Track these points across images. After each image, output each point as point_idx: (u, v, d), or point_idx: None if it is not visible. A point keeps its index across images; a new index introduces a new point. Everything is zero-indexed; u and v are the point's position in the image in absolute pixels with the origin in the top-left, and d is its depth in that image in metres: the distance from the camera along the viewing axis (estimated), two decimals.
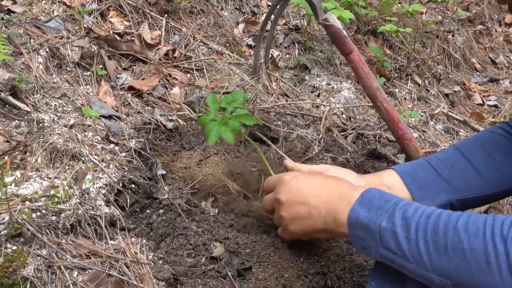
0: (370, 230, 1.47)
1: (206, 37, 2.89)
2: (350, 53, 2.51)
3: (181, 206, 1.93)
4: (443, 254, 1.33)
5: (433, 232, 1.35)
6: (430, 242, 1.35)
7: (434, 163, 1.89)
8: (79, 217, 1.75)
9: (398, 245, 1.41)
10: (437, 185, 1.85)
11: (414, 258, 1.39)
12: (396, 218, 1.43)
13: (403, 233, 1.40)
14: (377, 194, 1.54)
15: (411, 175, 1.87)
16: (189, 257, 1.74)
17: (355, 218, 1.52)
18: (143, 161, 2.11)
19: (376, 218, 1.46)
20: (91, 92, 2.28)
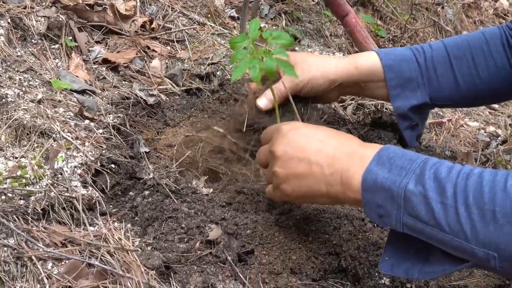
0: (392, 194, 1.24)
1: (186, 8, 2.68)
2: (346, 15, 2.32)
3: (169, 186, 1.73)
4: (490, 222, 1.12)
5: (477, 196, 1.14)
6: (473, 208, 1.14)
7: (421, 61, 1.85)
8: (52, 201, 1.56)
9: (430, 212, 1.19)
10: (416, 86, 1.84)
11: (451, 227, 1.17)
12: (427, 179, 1.21)
13: (436, 197, 1.18)
14: (398, 152, 1.32)
15: (394, 70, 1.83)
16: (181, 242, 1.56)
17: (372, 180, 1.28)
18: (123, 138, 1.91)
19: (400, 180, 1.24)
20: (60, 65, 2.07)
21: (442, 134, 2.51)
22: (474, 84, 1.85)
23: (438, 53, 1.87)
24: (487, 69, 1.85)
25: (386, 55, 1.86)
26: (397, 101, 1.87)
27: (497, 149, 2.60)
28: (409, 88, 1.85)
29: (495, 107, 3.11)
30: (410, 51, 1.88)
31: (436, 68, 1.85)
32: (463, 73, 1.85)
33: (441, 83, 1.85)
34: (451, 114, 2.80)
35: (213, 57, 2.40)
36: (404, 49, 1.91)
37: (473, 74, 1.85)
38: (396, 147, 1.35)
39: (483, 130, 2.80)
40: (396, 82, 1.84)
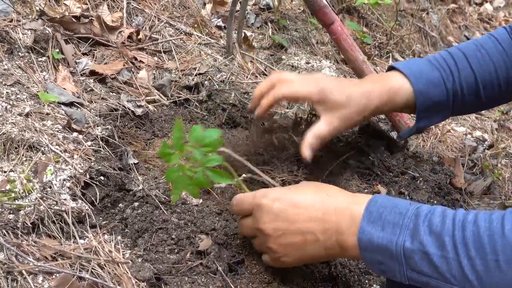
0: (391, 253, 1.25)
1: (172, 18, 2.68)
2: (331, 23, 2.31)
3: (159, 197, 1.73)
4: (495, 270, 1.14)
5: (478, 247, 1.16)
6: (476, 259, 1.16)
7: (450, 85, 1.81)
8: (41, 214, 1.54)
9: (433, 267, 1.20)
10: (442, 108, 1.83)
11: (457, 279, 1.18)
12: (423, 235, 1.22)
13: (437, 252, 1.20)
14: (386, 205, 1.31)
15: (423, 95, 1.78)
16: (171, 253, 1.56)
17: (368, 240, 1.28)
18: (111, 150, 1.90)
19: (396, 239, 1.24)
20: (47, 78, 2.05)
21: (429, 139, 2.53)
22: (493, 95, 1.86)
23: (466, 74, 1.83)
24: (508, 80, 1.85)
25: (416, 79, 1.79)
26: (421, 122, 1.86)
27: (484, 153, 2.62)
28: (435, 110, 1.83)
29: (481, 112, 3.13)
30: (438, 73, 1.82)
31: (463, 88, 1.82)
32: (486, 88, 1.84)
33: (466, 103, 1.85)
34: None
35: (201, 67, 2.39)
36: (429, 67, 1.83)
37: (495, 87, 1.85)
38: (383, 198, 1.34)
39: (470, 135, 2.82)
40: (425, 107, 1.81)
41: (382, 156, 2.09)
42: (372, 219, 1.29)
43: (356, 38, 3.19)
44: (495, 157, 2.68)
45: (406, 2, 3.98)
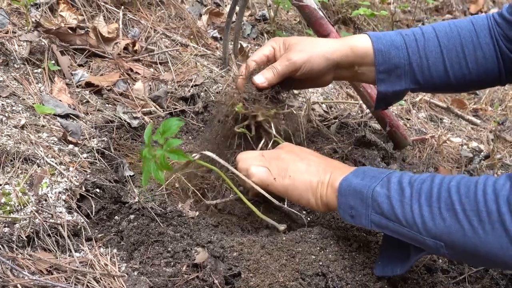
0: (362, 195, 1.47)
1: (168, 29, 2.68)
2: (328, 35, 2.31)
3: (155, 210, 1.73)
4: (436, 217, 1.34)
5: (427, 195, 1.37)
6: (424, 205, 1.37)
7: (411, 49, 1.87)
8: (37, 227, 1.54)
9: (392, 209, 1.42)
10: (402, 73, 1.86)
11: (407, 222, 1.40)
12: (392, 184, 1.44)
13: (397, 196, 1.41)
14: (371, 168, 1.57)
15: (383, 55, 1.85)
16: (168, 266, 1.54)
17: (347, 185, 1.53)
18: (107, 162, 1.89)
19: (370, 184, 1.47)
20: (43, 90, 2.05)
21: (425, 150, 2.53)
22: (462, 74, 1.89)
23: (431, 42, 1.88)
24: (476, 60, 1.88)
25: (378, 39, 1.87)
26: (382, 86, 1.89)
27: (480, 164, 2.62)
28: (395, 74, 1.87)
29: (477, 122, 3.13)
30: (401, 37, 1.89)
31: (428, 57, 1.87)
32: (453, 63, 1.88)
33: (431, 72, 1.88)
34: (434, 131, 2.81)
35: (197, 79, 2.39)
36: (395, 34, 1.91)
37: (462, 65, 1.88)
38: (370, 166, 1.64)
39: (466, 145, 2.82)
40: (384, 67, 1.85)
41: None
42: (357, 174, 1.54)
43: None
44: (492, 168, 2.67)
45: (401, 13, 3.99)
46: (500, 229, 1.25)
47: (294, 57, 1.82)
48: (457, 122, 3.10)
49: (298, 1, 2.29)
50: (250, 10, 3.16)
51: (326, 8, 3.35)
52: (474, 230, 1.29)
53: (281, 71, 1.82)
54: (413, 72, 1.87)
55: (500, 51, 1.89)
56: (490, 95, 3.56)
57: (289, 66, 1.82)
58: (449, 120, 3.08)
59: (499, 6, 5.14)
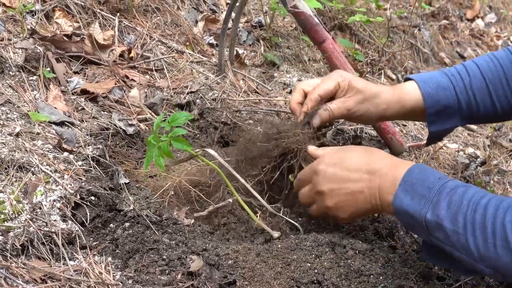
0: (416, 220, 1.52)
1: (164, 36, 2.68)
2: (323, 41, 2.31)
3: (150, 218, 1.72)
4: (492, 251, 1.38)
5: (482, 229, 1.40)
6: (479, 239, 1.40)
7: (458, 88, 1.91)
8: (31, 236, 1.53)
9: (446, 237, 1.46)
10: (452, 112, 1.91)
11: (463, 250, 1.44)
12: (441, 209, 1.47)
13: (450, 226, 1.45)
14: (419, 178, 1.56)
15: (432, 98, 1.89)
16: (162, 274, 1.54)
17: (399, 205, 1.56)
18: (102, 170, 1.89)
19: (420, 209, 1.51)
20: (38, 97, 2.04)
21: (421, 157, 2.53)
22: (509, 104, 1.92)
23: (476, 79, 1.92)
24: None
25: (424, 83, 1.92)
26: (433, 126, 1.95)
27: (476, 170, 2.61)
28: (445, 114, 1.92)
29: (473, 128, 3.13)
30: (447, 77, 1.93)
31: (475, 94, 1.91)
32: (499, 96, 1.91)
33: (479, 108, 1.92)
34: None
35: (192, 86, 2.39)
36: (440, 75, 1.95)
37: (508, 95, 1.91)
38: (418, 169, 1.59)
39: (462, 151, 2.82)
40: (434, 110, 1.90)
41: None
42: (406, 187, 1.56)
43: (348, 55, 3.20)
44: (488, 174, 2.67)
45: (398, 19, 3.99)
46: None
47: (353, 107, 1.90)
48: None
49: (293, 7, 2.29)
50: (246, 16, 3.16)
51: (322, 14, 3.35)
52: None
53: (337, 115, 1.89)
54: (462, 110, 1.91)
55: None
56: None
57: (344, 114, 1.90)
58: None
59: (495, 12, 5.16)
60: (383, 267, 1.63)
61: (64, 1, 2.50)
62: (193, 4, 3.06)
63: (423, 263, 1.70)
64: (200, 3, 3.11)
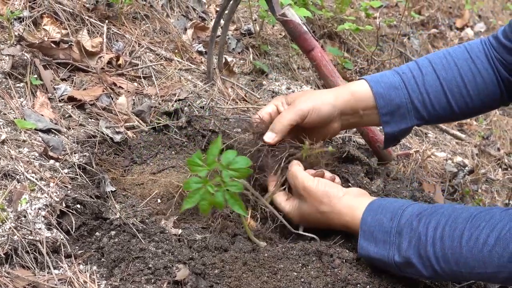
0: (387, 263, 1.61)
1: (153, 43, 2.67)
2: (311, 50, 2.31)
3: (136, 226, 1.71)
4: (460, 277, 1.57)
5: (445, 260, 1.52)
6: (445, 269, 1.52)
7: (411, 86, 1.91)
8: (15, 244, 1.52)
9: (418, 272, 1.57)
10: (406, 112, 1.92)
11: (436, 278, 1.64)
12: (406, 250, 1.57)
13: (418, 261, 1.55)
14: (374, 224, 1.64)
15: (384, 98, 1.90)
16: (148, 283, 1.53)
17: (366, 254, 1.64)
18: (89, 178, 1.88)
19: (387, 254, 1.60)
20: (25, 104, 2.03)
21: (409, 165, 2.53)
22: (465, 103, 1.93)
23: (429, 77, 1.91)
24: (477, 87, 1.92)
25: (376, 83, 1.91)
26: (388, 127, 1.94)
27: (464, 179, 2.62)
28: (399, 114, 1.92)
29: (462, 137, 3.14)
30: (399, 77, 1.92)
31: (429, 92, 1.91)
32: (455, 94, 1.92)
33: (435, 106, 1.92)
34: (419, 145, 2.81)
35: (181, 93, 2.38)
36: (392, 74, 1.94)
37: (464, 94, 1.92)
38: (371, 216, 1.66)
39: (451, 160, 2.82)
40: (386, 110, 1.90)
41: (362, 183, 2.08)
42: (366, 237, 1.64)
43: (337, 63, 3.20)
44: (476, 183, 2.68)
45: (387, 27, 4.00)
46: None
47: (300, 105, 1.87)
48: (441, 136, 3.11)
49: (282, 16, 2.29)
50: (235, 24, 3.15)
51: (312, 22, 3.35)
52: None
53: (289, 119, 1.86)
54: (416, 109, 1.93)
55: (499, 74, 1.92)
56: None
57: (296, 112, 1.87)
58: (434, 135, 3.09)
59: (484, 21, 5.18)
60: (370, 276, 1.63)
61: (53, 8, 2.49)
62: (182, 12, 3.05)
63: None
64: (189, 10, 3.10)
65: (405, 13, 4.06)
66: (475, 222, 1.49)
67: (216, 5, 3.27)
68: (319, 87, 2.95)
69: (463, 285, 1.81)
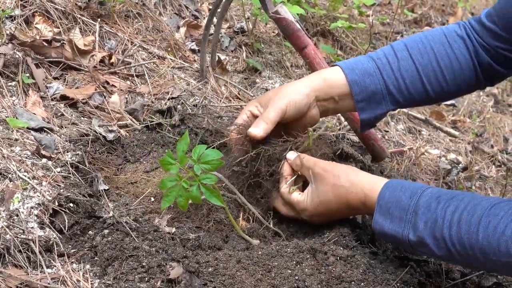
0: (400, 240, 1.63)
1: (145, 42, 2.66)
2: (305, 47, 2.30)
3: (129, 225, 1.70)
4: (473, 260, 1.53)
5: (460, 244, 1.52)
6: (461, 254, 1.53)
7: (385, 72, 1.90)
8: (8, 243, 1.51)
9: (431, 251, 1.58)
10: (381, 98, 1.91)
11: (448, 259, 1.63)
12: (421, 229, 1.58)
13: (433, 242, 1.56)
14: (392, 200, 1.65)
15: (358, 85, 1.89)
16: (142, 282, 1.52)
17: (380, 229, 1.66)
18: (81, 176, 1.87)
19: (402, 231, 1.61)
20: (17, 103, 2.02)
21: (403, 163, 2.53)
22: (441, 87, 1.92)
23: (405, 62, 1.91)
24: (453, 72, 1.91)
25: (350, 70, 1.90)
26: (364, 114, 1.93)
27: (458, 176, 2.62)
28: (374, 100, 1.91)
29: (455, 134, 3.14)
30: (373, 62, 1.91)
31: (404, 77, 1.90)
32: (430, 79, 1.91)
33: (410, 91, 1.91)
34: (412, 143, 2.81)
35: (174, 91, 2.38)
36: (367, 60, 1.93)
37: (440, 79, 1.91)
38: (389, 192, 1.66)
39: (444, 157, 2.82)
40: (362, 97, 1.89)
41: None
42: (382, 212, 1.65)
43: (330, 61, 3.19)
44: (470, 180, 2.68)
45: (380, 25, 4.00)
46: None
47: (277, 103, 1.87)
48: (435, 134, 3.11)
49: (275, 13, 2.28)
50: (228, 22, 3.14)
51: (305, 20, 3.35)
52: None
53: (272, 117, 1.85)
54: (391, 94, 1.91)
55: (478, 59, 1.90)
56: (468, 107, 3.58)
57: (276, 111, 1.86)
58: (428, 132, 3.09)
59: None
60: (364, 273, 1.62)
61: (44, 6, 2.47)
62: (175, 10, 3.05)
63: (404, 269, 1.70)
64: (182, 8, 3.09)
65: (398, 11, 4.06)
66: (494, 210, 1.49)
67: (208, 3, 3.27)
68: None
69: (457, 282, 1.80)
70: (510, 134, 3.41)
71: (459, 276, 1.83)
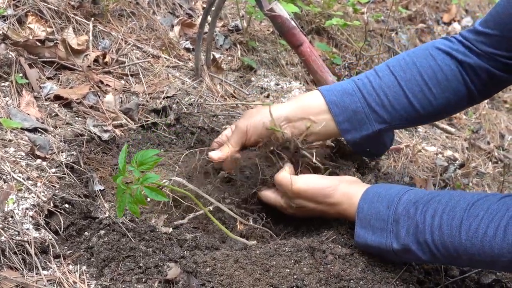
0: (384, 250, 1.63)
1: (139, 41, 2.64)
2: (300, 45, 2.31)
3: (126, 225, 1.69)
4: (459, 261, 1.57)
5: (444, 247, 1.54)
6: (446, 256, 1.55)
7: (366, 91, 1.87)
8: (3, 245, 1.50)
9: (417, 257, 1.60)
10: (364, 116, 1.87)
11: (434, 262, 1.70)
12: (404, 237, 1.59)
13: (417, 248, 1.58)
14: (371, 213, 1.66)
15: (338, 105, 1.86)
16: (139, 283, 1.51)
17: (363, 242, 1.67)
18: (77, 177, 1.86)
19: (384, 241, 1.62)
20: (11, 104, 2.00)
21: (400, 160, 2.52)
22: (428, 101, 1.88)
23: (386, 78, 1.87)
24: (438, 84, 1.87)
25: (328, 91, 1.87)
26: (348, 135, 1.89)
27: (455, 173, 2.62)
28: (356, 120, 1.87)
29: (452, 131, 3.14)
30: (353, 83, 1.89)
31: (386, 93, 1.86)
32: (415, 92, 1.86)
33: (395, 107, 1.86)
34: (409, 140, 2.80)
35: (169, 91, 2.36)
36: (347, 82, 1.91)
37: (425, 92, 1.87)
38: (367, 205, 1.67)
39: (441, 154, 2.82)
40: (343, 117, 1.86)
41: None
42: (363, 225, 1.66)
43: (325, 58, 3.19)
44: (467, 177, 2.68)
45: (375, 23, 3.99)
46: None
47: (240, 127, 1.88)
48: (431, 131, 3.11)
49: (270, 11, 2.27)
50: (222, 20, 3.13)
51: (300, 18, 3.34)
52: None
53: (233, 141, 1.88)
54: (375, 112, 1.86)
55: (466, 70, 1.87)
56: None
57: (236, 132, 1.89)
58: (424, 129, 3.08)
59: (471, 15, 5.18)
60: (363, 271, 1.62)
61: (37, 6, 2.46)
62: (169, 9, 3.04)
63: (403, 267, 1.69)
64: (176, 7, 3.08)
65: (392, 8, 4.05)
66: (474, 210, 1.51)
67: (203, 2, 3.25)
68: (308, 82, 2.94)
69: (456, 279, 1.79)
70: (506, 131, 3.41)
71: (458, 273, 1.82)
